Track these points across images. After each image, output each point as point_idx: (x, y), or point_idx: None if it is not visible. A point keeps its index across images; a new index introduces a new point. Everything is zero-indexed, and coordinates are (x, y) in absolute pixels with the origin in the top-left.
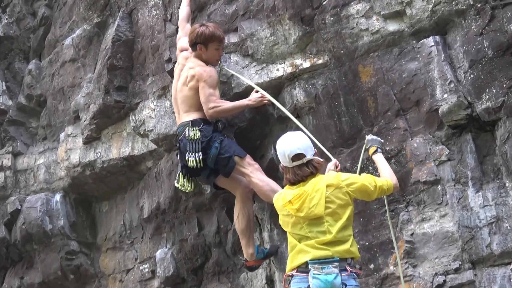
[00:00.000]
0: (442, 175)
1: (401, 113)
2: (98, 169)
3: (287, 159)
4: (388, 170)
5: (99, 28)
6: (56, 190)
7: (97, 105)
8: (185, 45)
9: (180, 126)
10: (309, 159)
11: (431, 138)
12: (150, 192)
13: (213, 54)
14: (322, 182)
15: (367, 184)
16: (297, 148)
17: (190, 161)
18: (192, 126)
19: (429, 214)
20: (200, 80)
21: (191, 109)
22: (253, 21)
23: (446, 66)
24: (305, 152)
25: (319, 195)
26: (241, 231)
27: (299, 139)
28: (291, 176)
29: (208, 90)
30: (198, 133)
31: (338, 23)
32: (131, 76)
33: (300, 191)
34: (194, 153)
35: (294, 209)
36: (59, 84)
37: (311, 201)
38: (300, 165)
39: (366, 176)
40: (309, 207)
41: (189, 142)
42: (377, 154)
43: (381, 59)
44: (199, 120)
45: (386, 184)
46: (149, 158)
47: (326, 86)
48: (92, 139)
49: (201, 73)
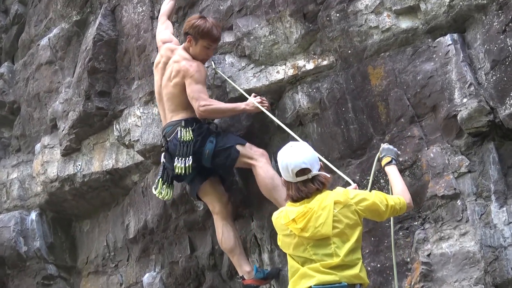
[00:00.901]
0: (462, 188)
1: (416, 119)
2: (78, 184)
3: (290, 174)
4: (400, 186)
5: (79, 27)
6: (32, 208)
7: (77, 112)
8: (169, 37)
9: (168, 126)
10: (315, 174)
11: (449, 147)
12: (136, 210)
13: (200, 52)
14: (329, 199)
15: (378, 203)
16: (302, 162)
17: (178, 167)
18: (185, 126)
19: (447, 233)
20: (187, 76)
21: (178, 108)
22: (250, 18)
23: (465, 67)
24: (310, 167)
25: (326, 213)
26: (229, 250)
27: (304, 152)
28: (294, 192)
29: (196, 86)
30: (190, 134)
31: (345, 20)
32: (114, 80)
33: (305, 209)
34: (183, 158)
35: (298, 228)
36: (35, 90)
37: (317, 220)
38: (305, 181)
39: (376, 193)
40: (315, 227)
41: (180, 144)
42: (390, 166)
43: (393, 60)
44: (191, 119)
45: (399, 203)
46: (135, 172)
47: (332, 90)
48: (72, 151)
49: (187, 68)
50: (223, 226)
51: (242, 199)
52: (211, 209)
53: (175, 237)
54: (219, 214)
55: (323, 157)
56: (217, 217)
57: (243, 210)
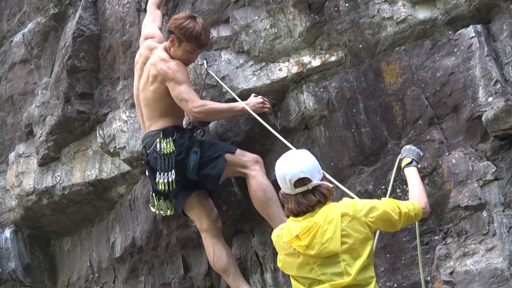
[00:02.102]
0: (488, 198)
1: (435, 121)
2: (58, 197)
3: (288, 185)
4: (417, 189)
5: (57, 21)
6: (6, 225)
7: (55, 117)
8: (152, 31)
9: (147, 137)
10: (315, 184)
11: (473, 152)
12: (123, 225)
13: (182, 55)
14: (336, 212)
15: (389, 211)
16: (301, 171)
17: (161, 183)
18: (164, 138)
19: (472, 248)
20: (167, 79)
21: (155, 115)
22: (249, 9)
23: (490, 62)
24: (310, 176)
25: (333, 227)
26: (223, 270)
27: (303, 160)
28: (294, 205)
29: (182, 87)
30: (171, 145)
31: (355, 10)
32: (97, 80)
33: (309, 224)
34: (165, 173)
35: (302, 246)
36: (8, 92)
37: (324, 235)
38: (304, 192)
39: (387, 201)
40: (321, 243)
41: (160, 158)
42: (409, 168)
43: (409, 55)
44: (171, 128)
45: (414, 209)
46: (121, 183)
47: (341, 90)
48: (50, 160)
49: (165, 70)
50: (214, 245)
51: (241, 212)
52: (199, 226)
53: (166, 255)
54: (208, 231)
55: (332, 165)
56: (206, 235)
57: (243, 224)
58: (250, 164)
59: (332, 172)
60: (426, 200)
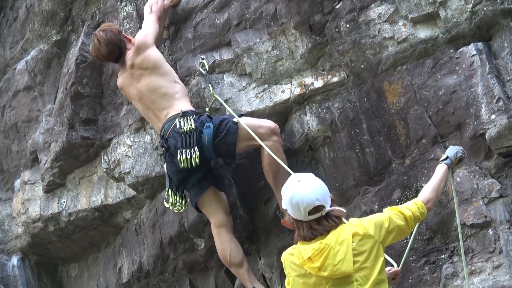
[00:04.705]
0: (494, 215)
1: (439, 140)
2: (64, 224)
3: (302, 213)
4: (431, 185)
5: (59, 48)
6: (13, 252)
7: (60, 143)
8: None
9: (166, 123)
10: (328, 210)
11: (478, 170)
12: (129, 250)
13: None
14: (346, 232)
15: (394, 219)
16: (316, 199)
17: (183, 160)
18: (184, 117)
19: (479, 266)
20: (141, 49)
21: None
22: (250, 32)
23: (492, 79)
24: (324, 203)
25: (344, 248)
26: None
27: (315, 187)
28: (306, 232)
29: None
30: (192, 123)
31: (356, 30)
32: (101, 106)
33: (321, 245)
34: (188, 149)
35: (315, 267)
36: (12, 119)
37: (336, 257)
38: (318, 219)
39: (390, 210)
40: (334, 264)
41: (181, 136)
42: (441, 164)
43: (411, 74)
44: (190, 111)
45: (417, 208)
46: (127, 208)
47: (344, 110)
48: (55, 187)
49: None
50: (230, 240)
51: (247, 235)
52: (214, 221)
53: (174, 280)
54: (224, 226)
55: (336, 185)
56: (221, 230)
57: (249, 247)
58: (267, 135)
59: (337, 193)
60: (431, 196)
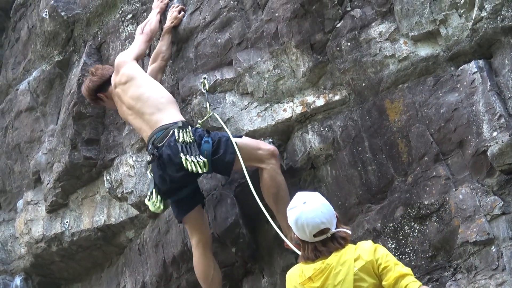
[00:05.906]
0: (496, 233)
1: (441, 157)
2: (67, 244)
3: (308, 235)
4: None
5: (61, 68)
6: (16, 272)
7: (63, 163)
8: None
9: (158, 131)
10: (334, 232)
11: (480, 187)
12: (133, 270)
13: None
14: (350, 254)
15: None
16: (321, 222)
17: (190, 162)
18: (182, 127)
19: (482, 283)
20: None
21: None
22: (252, 51)
23: (493, 96)
24: (329, 225)
25: (345, 269)
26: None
27: (321, 209)
28: (311, 254)
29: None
30: (191, 135)
31: (357, 49)
32: (103, 126)
33: (322, 265)
34: (194, 156)
35: (315, 287)
36: (14, 140)
37: (336, 277)
38: (324, 240)
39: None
40: (334, 285)
41: (181, 145)
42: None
43: (412, 92)
44: (185, 123)
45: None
46: (129, 227)
47: (346, 128)
48: (58, 207)
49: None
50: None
51: (250, 253)
52: (197, 238)
53: None
54: (207, 243)
55: (339, 204)
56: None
57: (252, 266)
58: (266, 158)
59: (340, 211)
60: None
